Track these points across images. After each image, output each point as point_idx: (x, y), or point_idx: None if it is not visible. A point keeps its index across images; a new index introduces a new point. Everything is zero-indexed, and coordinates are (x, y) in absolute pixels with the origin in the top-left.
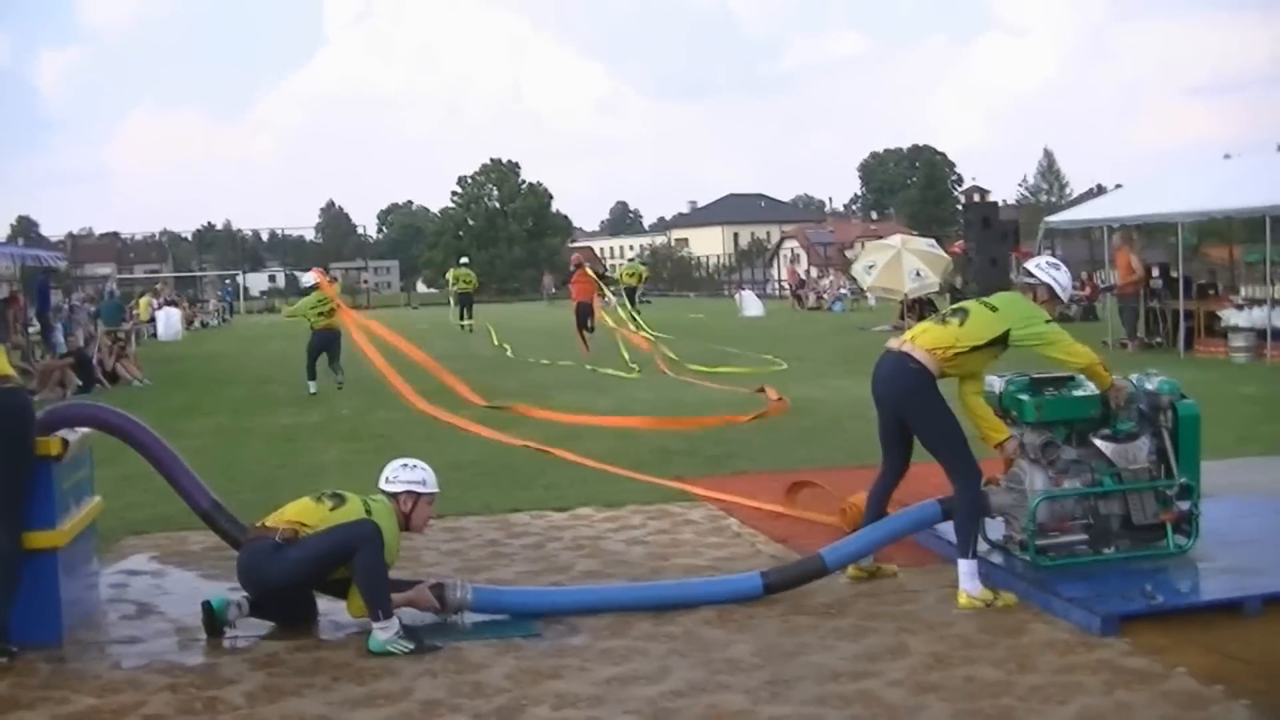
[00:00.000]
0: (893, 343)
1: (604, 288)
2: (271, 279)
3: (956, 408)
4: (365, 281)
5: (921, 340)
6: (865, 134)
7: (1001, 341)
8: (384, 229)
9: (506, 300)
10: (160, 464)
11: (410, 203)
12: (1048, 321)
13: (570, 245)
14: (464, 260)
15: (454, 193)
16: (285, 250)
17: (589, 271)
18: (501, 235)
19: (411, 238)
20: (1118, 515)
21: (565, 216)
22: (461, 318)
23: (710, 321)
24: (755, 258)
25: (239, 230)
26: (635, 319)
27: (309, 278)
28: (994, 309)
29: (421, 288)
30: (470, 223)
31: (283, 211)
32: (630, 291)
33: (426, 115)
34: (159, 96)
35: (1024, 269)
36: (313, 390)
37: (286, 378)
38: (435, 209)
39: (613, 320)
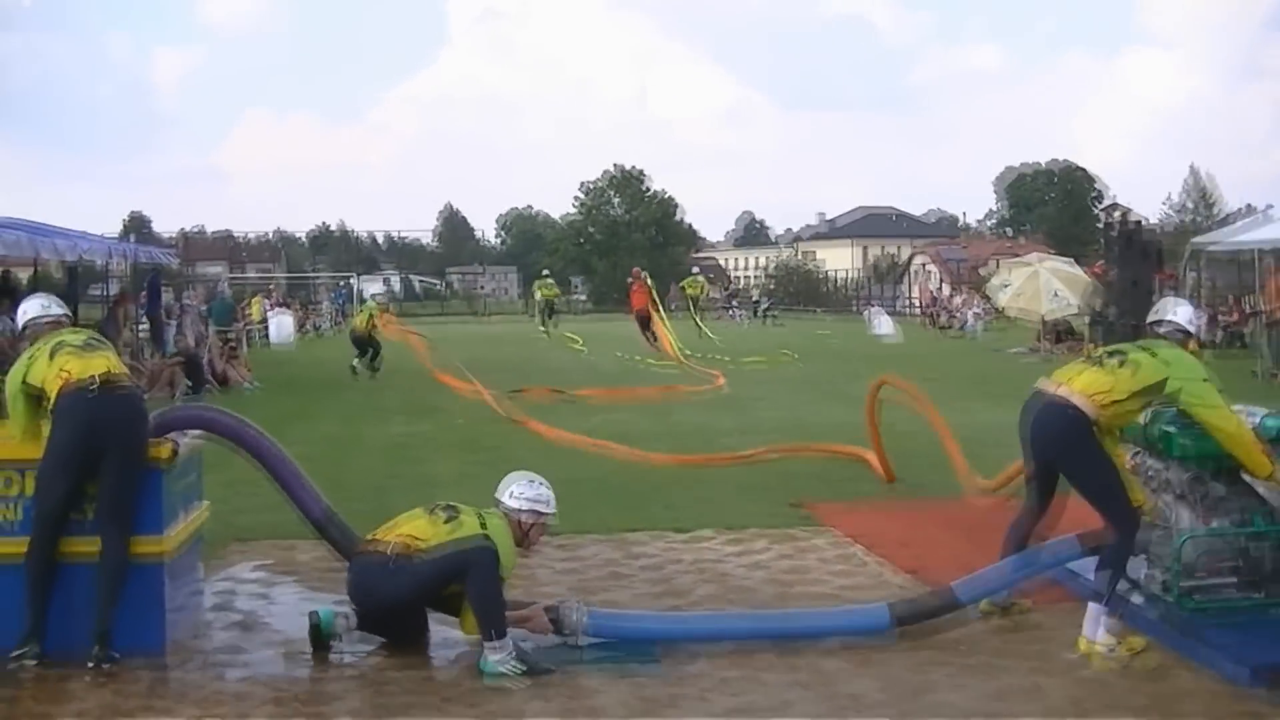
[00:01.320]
0: (1045, 384)
1: (659, 301)
2: (387, 283)
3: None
4: (482, 288)
5: (1079, 383)
6: (1001, 148)
7: (1156, 391)
8: (503, 235)
9: (627, 312)
10: (273, 470)
11: (530, 208)
12: (1205, 380)
13: (694, 256)
14: (545, 273)
15: (576, 199)
16: (401, 254)
17: (647, 284)
18: (624, 244)
19: (531, 245)
20: (1270, 557)
21: (691, 227)
22: (543, 324)
23: (839, 340)
24: (886, 274)
25: (354, 232)
26: (698, 328)
27: (377, 292)
28: (1156, 355)
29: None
30: (592, 231)
31: (400, 215)
32: (694, 303)
33: (548, 120)
34: (276, 97)
35: (1164, 320)
36: (354, 369)
37: (399, 385)
38: (556, 215)
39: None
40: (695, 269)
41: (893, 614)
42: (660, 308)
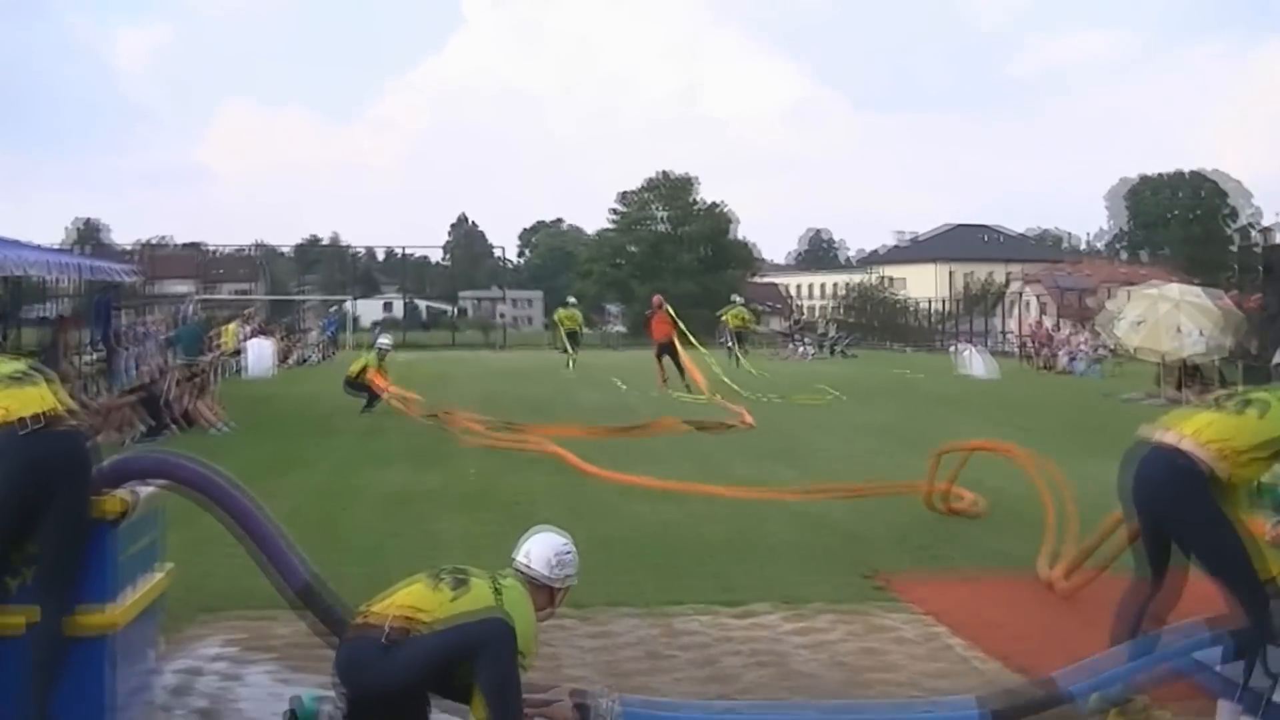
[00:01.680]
0: (1152, 430)
1: (685, 330)
2: (388, 307)
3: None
4: (501, 315)
5: (1192, 428)
6: (1116, 155)
7: None
8: (526, 252)
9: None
10: (248, 528)
11: (560, 221)
12: None
13: (752, 280)
14: (571, 300)
15: (612, 211)
16: (405, 273)
17: (669, 312)
18: (669, 265)
19: (559, 264)
20: None
21: (748, 245)
22: (569, 357)
23: (922, 381)
24: (977, 302)
25: (350, 247)
26: (738, 360)
27: (385, 341)
28: None
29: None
30: (632, 249)
31: (404, 228)
32: (737, 336)
33: (580, 118)
34: (259, 87)
35: None
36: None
37: (401, 428)
38: (589, 230)
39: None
40: (737, 297)
41: (983, 709)
42: (689, 338)
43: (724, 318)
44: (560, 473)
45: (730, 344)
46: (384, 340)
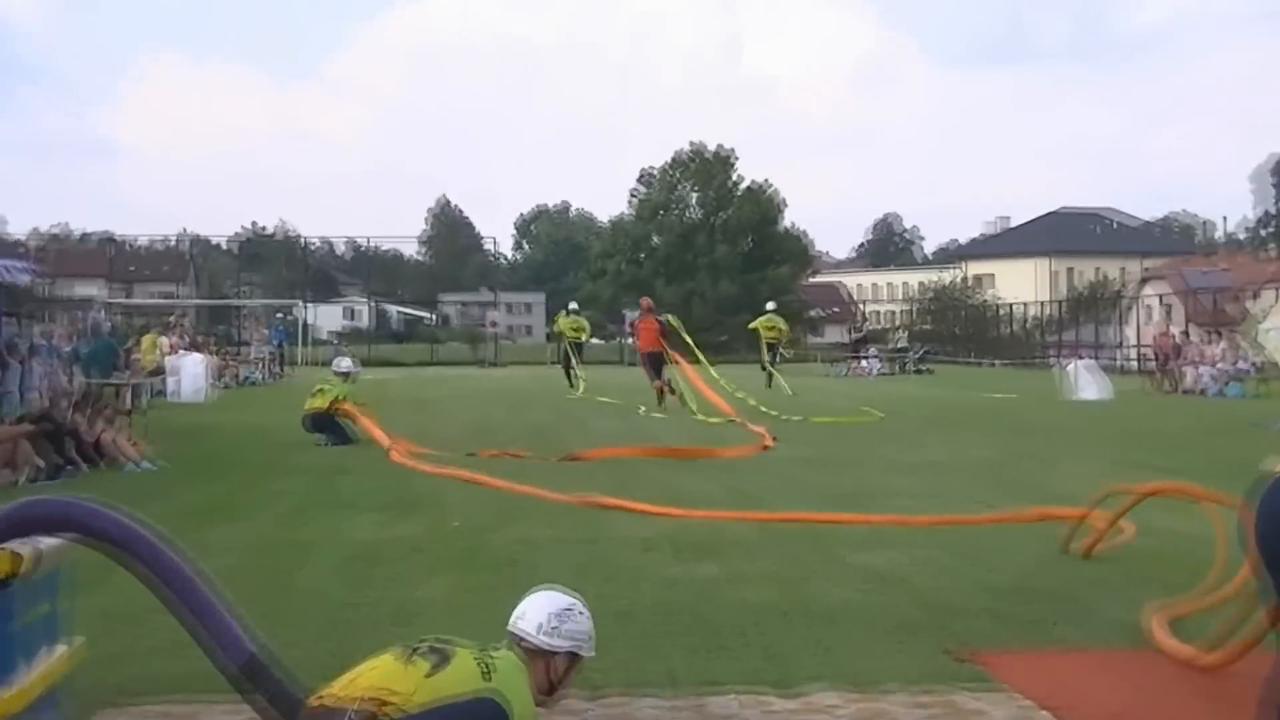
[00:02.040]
0: (1276, 462)
1: (675, 337)
2: (351, 314)
3: None
4: (493, 324)
5: None
6: (1266, 126)
7: None
8: (525, 245)
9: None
10: (176, 591)
11: (566, 207)
12: None
13: (809, 281)
14: (573, 307)
15: (633, 193)
16: (372, 271)
17: (657, 319)
18: (703, 261)
19: (566, 260)
20: None
21: (801, 236)
22: (570, 377)
23: (1019, 405)
24: (1089, 307)
25: (302, 239)
26: (771, 376)
27: (347, 364)
28: None
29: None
30: (656, 241)
31: (371, 215)
32: (771, 348)
33: (591, 79)
34: (187, 38)
35: None
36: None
37: (366, 467)
38: (603, 218)
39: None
40: (771, 304)
41: None
42: (696, 354)
43: (756, 328)
44: (569, 521)
45: (767, 359)
46: (345, 363)
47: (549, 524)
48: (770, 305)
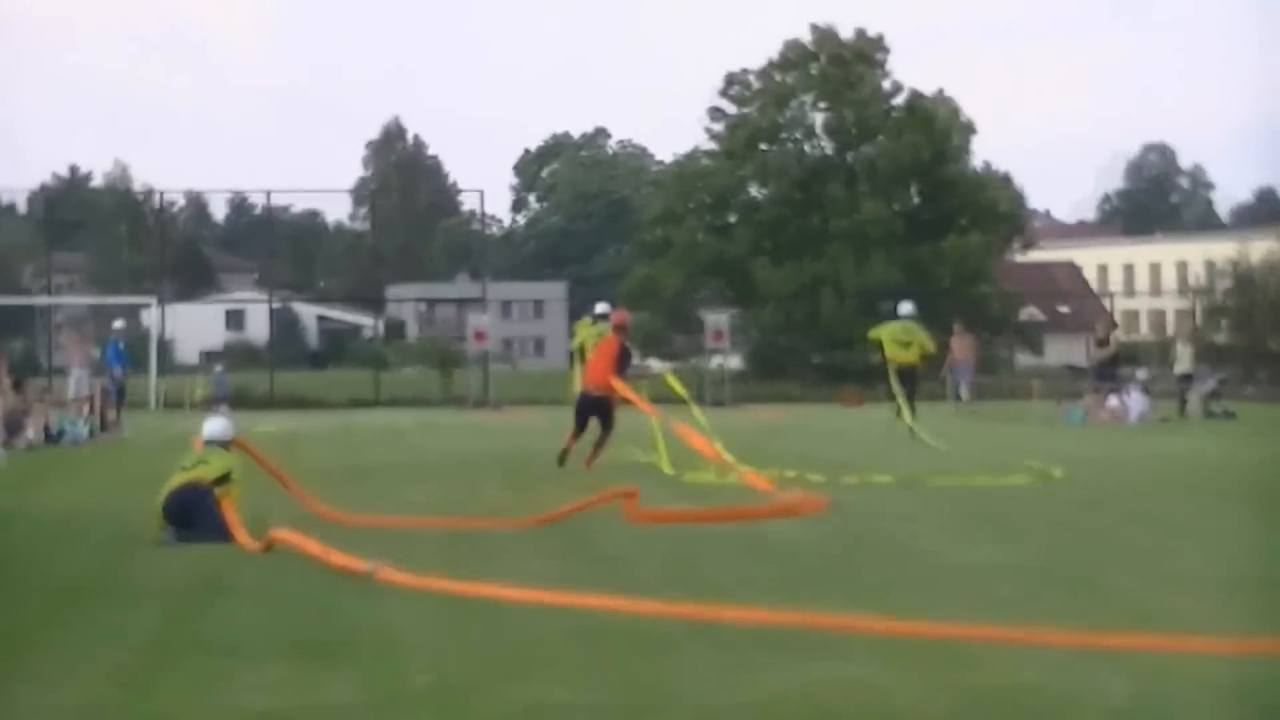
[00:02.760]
0: None
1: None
2: (237, 321)
3: None
4: (479, 336)
5: None
6: None
7: None
8: (531, 202)
9: (856, 395)
10: None
11: (601, 137)
12: None
13: (1017, 258)
14: (602, 308)
15: (713, 115)
16: (273, 248)
17: (623, 343)
18: (837, 226)
19: (601, 228)
20: None
21: (1003, 184)
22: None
23: None
24: None
25: (155, 195)
26: (911, 426)
27: (218, 428)
28: None
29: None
30: (755, 193)
31: (270, 154)
32: (907, 375)
33: None
34: None
35: None
36: None
37: (259, 580)
38: (665, 154)
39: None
40: (907, 304)
41: None
42: (682, 391)
43: (880, 340)
44: (609, 670)
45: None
46: (218, 427)
47: (578, 676)
48: (906, 306)
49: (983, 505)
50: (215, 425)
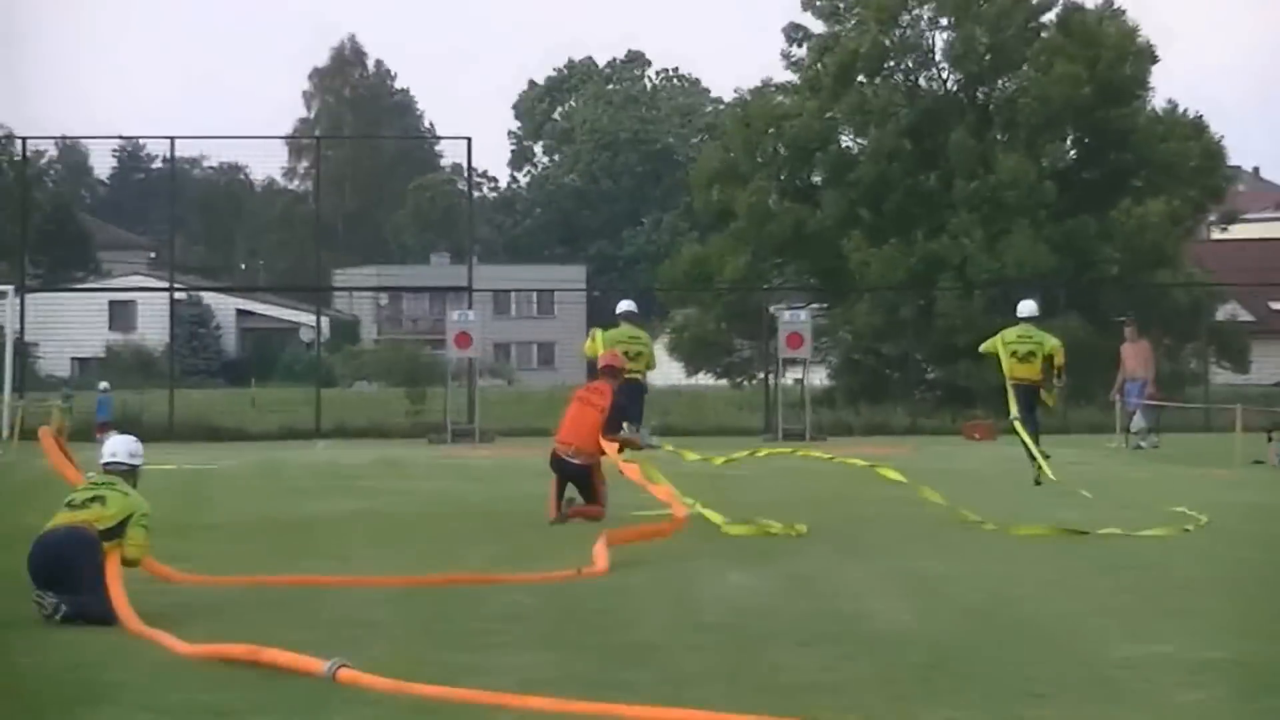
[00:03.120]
0: None
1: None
2: (127, 319)
3: None
4: (462, 341)
5: None
6: None
7: None
8: (538, 153)
9: (944, 425)
10: None
11: (639, 63)
12: None
13: (1220, 235)
14: (626, 306)
15: (790, 36)
16: (178, 216)
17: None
18: (963, 189)
19: (636, 188)
20: None
21: (1200, 130)
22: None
23: None
24: None
25: (14, 142)
26: (1041, 466)
27: (125, 447)
28: None
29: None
30: (849, 143)
31: (173, 87)
32: (1028, 395)
33: None
34: None
35: None
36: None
37: (144, 679)
38: (725, 91)
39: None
40: (1026, 304)
41: None
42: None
43: (995, 352)
44: None
45: (1019, 414)
46: (124, 446)
47: None
48: (1026, 305)
49: (1156, 577)
50: (121, 444)
